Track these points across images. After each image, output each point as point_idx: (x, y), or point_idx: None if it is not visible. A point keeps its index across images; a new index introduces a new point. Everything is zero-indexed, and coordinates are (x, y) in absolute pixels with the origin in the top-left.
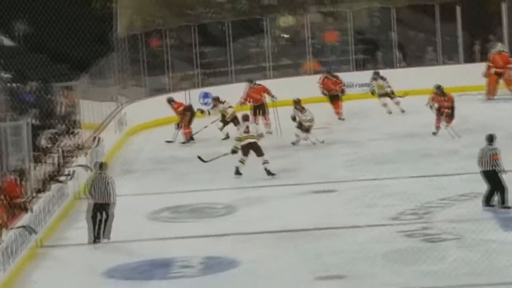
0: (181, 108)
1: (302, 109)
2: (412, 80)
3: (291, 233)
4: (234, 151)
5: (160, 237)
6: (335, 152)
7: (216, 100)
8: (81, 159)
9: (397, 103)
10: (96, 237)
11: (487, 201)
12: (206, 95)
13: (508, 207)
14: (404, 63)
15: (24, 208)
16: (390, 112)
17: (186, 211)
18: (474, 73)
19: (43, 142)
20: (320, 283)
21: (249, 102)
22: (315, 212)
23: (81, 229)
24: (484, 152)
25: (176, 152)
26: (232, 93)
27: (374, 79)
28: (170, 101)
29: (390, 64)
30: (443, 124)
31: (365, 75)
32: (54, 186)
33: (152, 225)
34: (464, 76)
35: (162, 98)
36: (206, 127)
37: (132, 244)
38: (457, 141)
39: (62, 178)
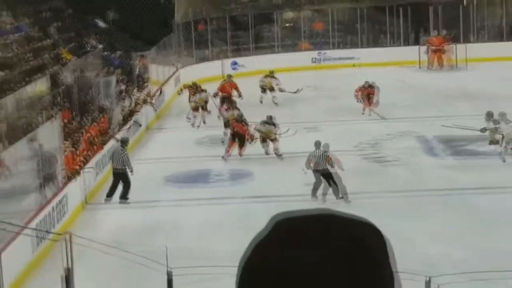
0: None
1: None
2: (374, 55)
3: (292, 157)
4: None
5: (202, 156)
6: (319, 102)
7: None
8: (150, 104)
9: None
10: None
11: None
12: (235, 63)
13: (341, 197)
14: (367, 44)
15: (113, 136)
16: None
17: (219, 138)
18: (418, 52)
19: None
20: (308, 188)
21: (219, 94)
22: (307, 142)
23: (150, 149)
24: (316, 155)
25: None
26: (252, 61)
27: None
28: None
29: (355, 45)
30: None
31: (341, 53)
32: (131, 120)
33: (197, 148)
34: (411, 54)
35: (205, 64)
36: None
37: (183, 159)
38: (402, 99)
39: (137, 115)
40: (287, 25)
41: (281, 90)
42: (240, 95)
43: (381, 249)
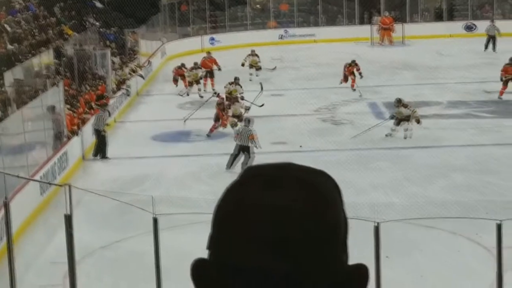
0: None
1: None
2: (332, 32)
3: (263, 119)
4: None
5: (183, 118)
6: (284, 72)
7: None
8: (140, 72)
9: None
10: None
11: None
12: (212, 39)
13: None
14: (326, 23)
15: (107, 100)
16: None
17: (199, 103)
18: (371, 30)
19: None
20: (274, 146)
21: (202, 69)
22: (272, 106)
23: (139, 112)
24: (242, 131)
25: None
26: (227, 37)
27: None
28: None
29: (316, 24)
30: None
31: (303, 31)
32: (123, 87)
33: (180, 111)
34: (365, 32)
35: (187, 40)
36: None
37: (167, 122)
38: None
39: (128, 83)
40: (257, 6)
41: (258, 68)
42: (219, 69)
43: (336, 194)
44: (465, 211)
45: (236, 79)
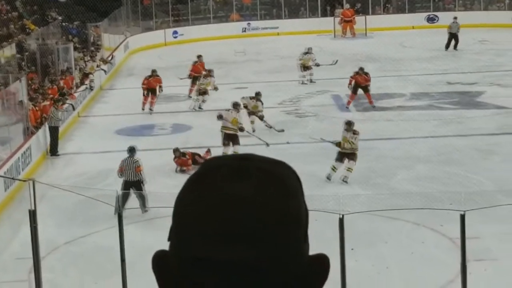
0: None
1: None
2: (295, 25)
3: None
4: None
5: (147, 112)
6: (247, 65)
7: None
8: (103, 67)
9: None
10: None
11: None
12: (175, 32)
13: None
14: (289, 16)
15: (73, 95)
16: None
17: (162, 97)
18: (333, 23)
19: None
20: (240, 139)
21: (192, 74)
22: (236, 99)
23: (103, 106)
24: (126, 163)
25: (159, 64)
26: (190, 30)
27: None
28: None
29: (279, 17)
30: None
31: (266, 23)
32: (87, 82)
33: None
34: (327, 24)
35: (150, 33)
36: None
37: (132, 116)
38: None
39: (92, 77)
40: None
41: (317, 65)
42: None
43: (297, 185)
44: (429, 202)
45: (258, 94)
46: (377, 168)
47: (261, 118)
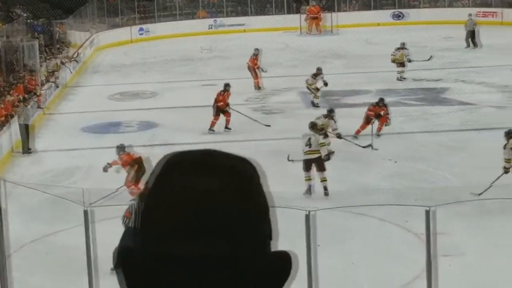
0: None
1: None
2: (261, 22)
3: (192, 110)
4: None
5: (114, 109)
6: (214, 62)
7: None
8: (68, 64)
9: None
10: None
11: None
12: (141, 29)
13: None
14: (255, 13)
15: (38, 94)
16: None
17: (129, 94)
18: (299, 19)
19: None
20: (205, 136)
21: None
22: (203, 96)
23: (70, 103)
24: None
25: (125, 61)
26: (156, 27)
27: None
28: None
29: (245, 13)
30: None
31: (233, 20)
32: (52, 79)
33: (109, 102)
34: (293, 21)
35: (116, 31)
36: None
37: (98, 113)
38: (286, 59)
39: (57, 74)
40: None
41: (410, 61)
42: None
43: (259, 181)
44: (396, 198)
45: (331, 111)
46: (344, 165)
47: (325, 136)
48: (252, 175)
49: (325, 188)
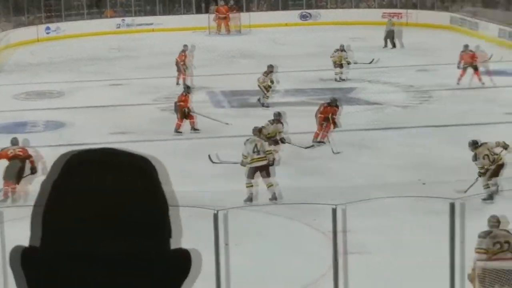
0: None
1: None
2: (170, 21)
3: (99, 110)
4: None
5: (20, 109)
6: (121, 61)
7: None
8: None
9: None
10: None
11: None
12: (48, 28)
13: None
14: (163, 12)
15: None
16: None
17: (35, 94)
18: (208, 19)
19: None
20: (113, 136)
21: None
22: (111, 96)
23: None
24: None
25: (32, 60)
26: (63, 26)
27: None
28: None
29: (154, 13)
30: None
31: (141, 19)
32: None
33: (15, 102)
34: (202, 21)
35: (22, 29)
36: None
37: (4, 113)
38: (195, 59)
39: None
40: None
41: (349, 63)
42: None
43: (157, 178)
44: (304, 197)
45: (278, 115)
46: None
47: (282, 141)
48: (151, 172)
49: (274, 195)
